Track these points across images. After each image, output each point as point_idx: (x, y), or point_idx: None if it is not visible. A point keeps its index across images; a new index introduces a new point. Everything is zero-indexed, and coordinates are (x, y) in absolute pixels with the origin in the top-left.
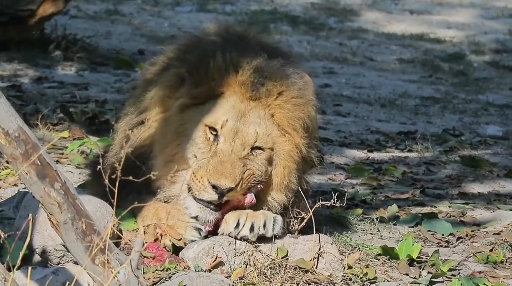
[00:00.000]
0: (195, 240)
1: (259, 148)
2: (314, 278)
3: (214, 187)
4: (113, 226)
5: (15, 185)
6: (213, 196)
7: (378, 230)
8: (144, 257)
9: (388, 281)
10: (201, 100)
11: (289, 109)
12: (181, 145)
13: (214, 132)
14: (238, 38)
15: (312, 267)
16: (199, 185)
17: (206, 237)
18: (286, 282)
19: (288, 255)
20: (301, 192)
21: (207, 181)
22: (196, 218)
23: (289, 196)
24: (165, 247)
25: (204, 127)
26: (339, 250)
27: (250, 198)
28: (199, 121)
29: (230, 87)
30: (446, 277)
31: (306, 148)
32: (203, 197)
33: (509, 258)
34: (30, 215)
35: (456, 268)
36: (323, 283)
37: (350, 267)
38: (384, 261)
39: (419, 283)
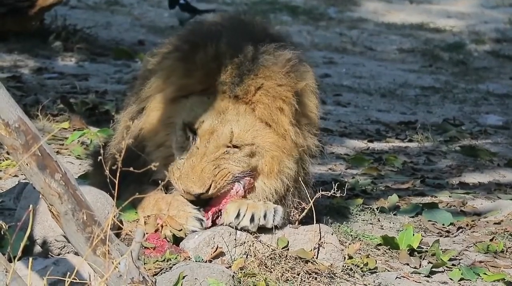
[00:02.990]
0: (196, 231)
1: (235, 146)
2: (315, 268)
3: (185, 191)
4: (114, 216)
5: (16, 176)
6: (189, 197)
7: (379, 220)
8: (145, 247)
9: (389, 271)
10: (186, 93)
11: (269, 103)
12: (170, 135)
13: (193, 132)
14: (237, 27)
15: (313, 257)
16: (176, 186)
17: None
18: (287, 272)
19: (289, 245)
20: (301, 182)
21: (180, 184)
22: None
23: (284, 182)
24: (165, 238)
25: (184, 126)
26: (339, 240)
27: (237, 188)
28: (181, 118)
29: (211, 86)
30: (447, 266)
31: (295, 135)
32: (183, 196)
33: (510, 247)
34: (30, 206)
35: (456, 257)
36: (323, 273)
37: (350, 257)
38: (385, 251)
39: (419, 273)
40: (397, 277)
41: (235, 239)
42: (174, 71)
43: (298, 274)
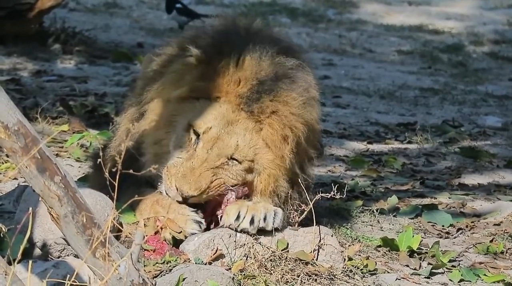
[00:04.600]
0: (195, 233)
1: (236, 160)
2: (315, 270)
3: (177, 189)
4: (113, 219)
5: (15, 178)
6: (177, 197)
7: (378, 221)
8: (145, 250)
9: (389, 272)
10: (198, 95)
11: (278, 129)
12: (170, 133)
13: (197, 135)
14: (255, 38)
15: (313, 259)
16: (167, 182)
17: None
18: (287, 274)
19: (289, 247)
20: (302, 185)
21: (174, 182)
22: None
23: (276, 202)
24: (165, 240)
25: (188, 127)
26: (339, 242)
27: (229, 196)
28: (187, 118)
29: (227, 95)
30: (447, 268)
31: (290, 162)
32: (169, 193)
33: (509, 248)
34: (30, 208)
35: (456, 259)
36: (323, 275)
37: (350, 259)
38: (385, 253)
39: (419, 274)
40: (397, 279)
41: (235, 241)
42: (188, 72)
43: (298, 276)
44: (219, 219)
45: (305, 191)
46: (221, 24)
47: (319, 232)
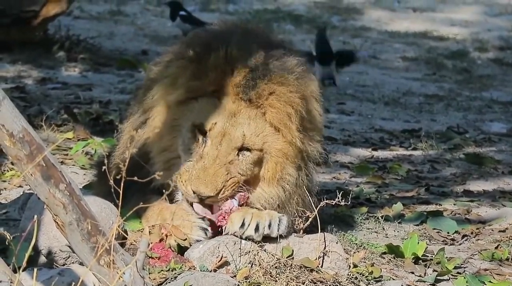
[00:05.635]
0: (200, 240)
1: (247, 149)
2: (320, 277)
3: (194, 192)
4: (118, 226)
5: (20, 186)
6: (194, 199)
7: (383, 228)
8: (150, 257)
9: (394, 279)
10: (195, 95)
11: (280, 107)
12: (176, 138)
13: (203, 133)
14: (242, 33)
15: (318, 266)
16: (183, 187)
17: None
18: (292, 281)
19: (293, 254)
20: (306, 190)
21: (189, 186)
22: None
23: (286, 189)
24: (170, 247)
25: (193, 128)
26: (344, 249)
27: (231, 205)
28: (189, 120)
29: (224, 87)
30: (452, 275)
31: (301, 141)
32: (188, 198)
33: None
34: (35, 216)
35: (461, 265)
36: (328, 282)
37: (355, 266)
38: (390, 260)
39: (424, 281)
40: (402, 285)
41: (239, 248)
42: (182, 74)
43: (303, 283)
44: (223, 229)
45: (309, 196)
46: (215, 25)
47: (324, 239)
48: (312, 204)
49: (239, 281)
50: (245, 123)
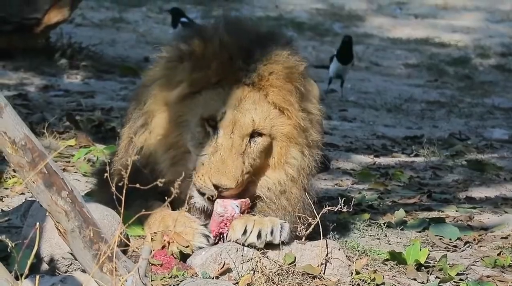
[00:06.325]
0: (203, 247)
1: (258, 134)
2: (322, 284)
3: (215, 185)
4: (120, 233)
5: (22, 193)
6: (213, 193)
7: (386, 235)
8: (152, 264)
9: None
10: (199, 88)
11: (281, 85)
12: (182, 134)
13: (213, 125)
14: (227, 22)
15: (320, 273)
16: (201, 182)
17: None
18: None
19: (296, 261)
20: (307, 193)
21: (208, 179)
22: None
23: (288, 173)
24: (172, 254)
25: (202, 121)
26: (346, 256)
27: (232, 211)
28: (197, 114)
29: (225, 75)
30: (454, 281)
31: (303, 119)
32: (205, 192)
33: None
34: (37, 223)
35: (464, 272)
36: None
37: (357, 273)
38: (392, 266)
39: None
40: None
41: (242, 255)
42: (179, 71)
43: None
44: (225, 236)
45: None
46: (211, 24)
47: (326, 245)
48: (315, 211)
49: None
50: (252, 108)
